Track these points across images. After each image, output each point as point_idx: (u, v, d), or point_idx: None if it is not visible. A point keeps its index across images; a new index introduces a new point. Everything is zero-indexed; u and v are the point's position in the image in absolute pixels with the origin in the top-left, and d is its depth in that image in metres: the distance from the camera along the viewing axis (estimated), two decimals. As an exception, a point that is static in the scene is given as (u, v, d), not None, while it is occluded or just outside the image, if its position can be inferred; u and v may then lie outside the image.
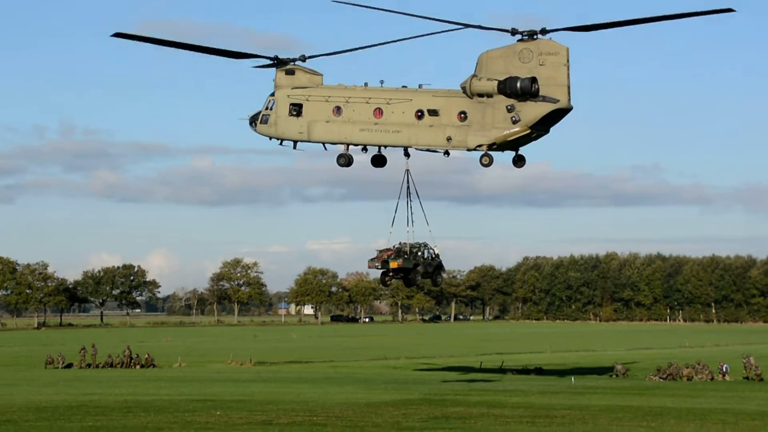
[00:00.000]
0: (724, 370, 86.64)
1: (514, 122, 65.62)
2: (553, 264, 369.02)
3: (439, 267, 73.23)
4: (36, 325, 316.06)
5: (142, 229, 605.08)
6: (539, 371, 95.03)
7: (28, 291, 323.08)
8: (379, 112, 68.55)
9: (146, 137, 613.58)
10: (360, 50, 68.87)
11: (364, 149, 70.62)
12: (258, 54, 69.51)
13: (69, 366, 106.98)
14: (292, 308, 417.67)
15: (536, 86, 64.61)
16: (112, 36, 65.50)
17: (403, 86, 69.11)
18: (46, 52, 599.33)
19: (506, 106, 65.52)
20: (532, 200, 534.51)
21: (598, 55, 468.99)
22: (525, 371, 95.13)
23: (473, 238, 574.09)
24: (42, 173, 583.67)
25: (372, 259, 72.42)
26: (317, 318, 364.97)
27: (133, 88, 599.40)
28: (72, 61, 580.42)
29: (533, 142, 68.19)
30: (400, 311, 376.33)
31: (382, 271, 72.33)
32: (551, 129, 67.31)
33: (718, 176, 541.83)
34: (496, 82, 65.25)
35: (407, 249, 71.35)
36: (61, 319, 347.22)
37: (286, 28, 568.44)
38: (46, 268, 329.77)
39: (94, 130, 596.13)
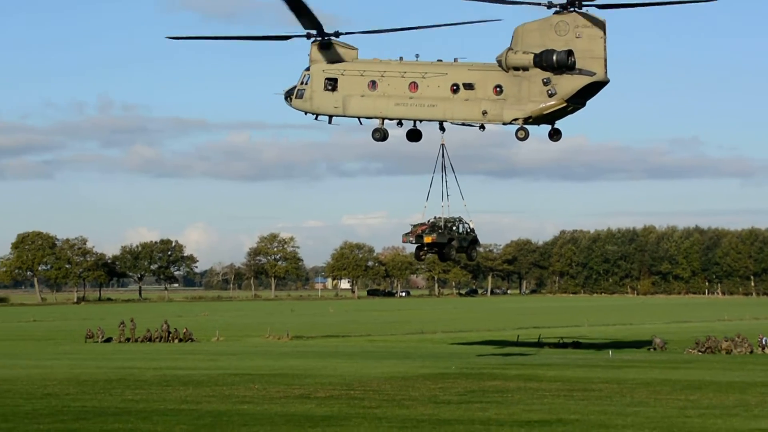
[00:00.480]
0: (764, 342, 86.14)
1: (550, 96, 65.27)
2: (590, 237, 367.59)
3: (474, 241, 73.08)
4: (75, 300, 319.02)
5: (180, 203, 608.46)
6: (576, 345, 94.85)
7: (67, 266, 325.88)
8: (414, 86, 68.34)
9: (184, 112, 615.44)
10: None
11: (400, 123, 70.49)
12: (291, 34, 69.39)
13: (108, 340, 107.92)
14: (329, 282, 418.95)
15: (572, 59, 64.18)
16: (166, 38, 65.91)
17: (439, 60, 68.85)
18: (84, 28, 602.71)
19: (542, 80, 65.15)
20: (568, 174, 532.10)
21: (635, 26, 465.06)
22: (562, 345, 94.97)
23: (509, 212, 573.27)
24: (80, 149, 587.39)
25: (406, 234, 72.41)
26: (354, 292, 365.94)
27: (171, 63, 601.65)
28: (110, 37, 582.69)
29: (569, 116, 67.85)
30: (436, 285, 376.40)
31: (416, 245, 72.30)
32: (588, 102, 66.93)
33: (759, 148, 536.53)
34: (532, 55, 64.86)
35: (441, 223, 71.22)
36: (100, 293, 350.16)
37: (322, 4, 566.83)
38: (85, 243, 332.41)
39: (131, 105, 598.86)
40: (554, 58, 64.12)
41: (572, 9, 63.87)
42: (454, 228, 71.83)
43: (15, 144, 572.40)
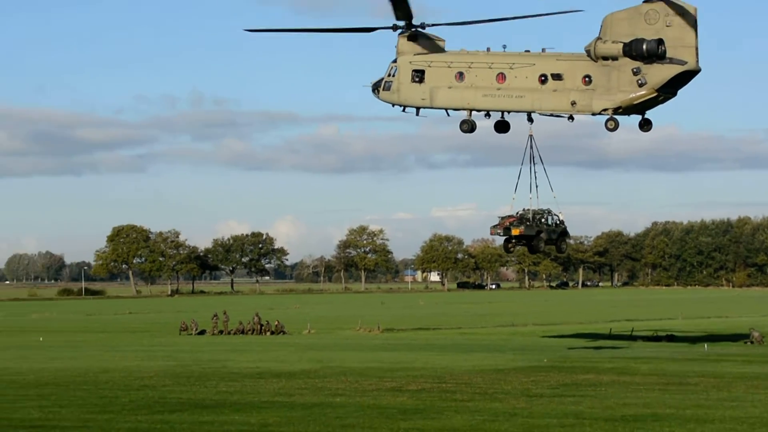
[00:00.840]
0: None
1: (640, 85, 64.50)
2: (683, 229, 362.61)
3: (564, 233, 72.44)
4: (169, 292, 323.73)
5: (269, 197, 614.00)
6: (671, 338, 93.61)
7: (161, 259, 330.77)
8: (501, 77, 68.00)
9: (273, 106, 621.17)
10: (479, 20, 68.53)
11: (487, 115, 70.21)
12: (376, 27, 69.44)
13: (202, 332, 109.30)
14: (419, 275, 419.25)
15: (663, 48, 63.33)
16: (244, 30, 66.70)
17: (526, 50, 68.41)
18: (176, 23, 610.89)
19: (632, 69, 64.42)
20: (660, 164, 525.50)
21: (726, 12, 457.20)
22: (656, 338, 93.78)
23: (600, 204, 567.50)
24: (172, 142, 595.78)
25: (494, 226, 72.12)
26: (443, 285, 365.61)
27: (261, 57, 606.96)
28: (202, 31, 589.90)
29: (660, 105, 66.98)
30: (526, 278, 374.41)
31: (504, 237, 71.98)
32: (678, 91, 66.01)
33: None
34: (622, 44, 64.15)
35: (530, 216, 70.76)
36: (193, 286, 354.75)
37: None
38: (177, 236, 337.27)
39: (222, 99, 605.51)
40: (644, 47, 63.36)
41: (661, -3, 62.96)
42: (543, 220, 71.30)
43: (109, 138, 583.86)
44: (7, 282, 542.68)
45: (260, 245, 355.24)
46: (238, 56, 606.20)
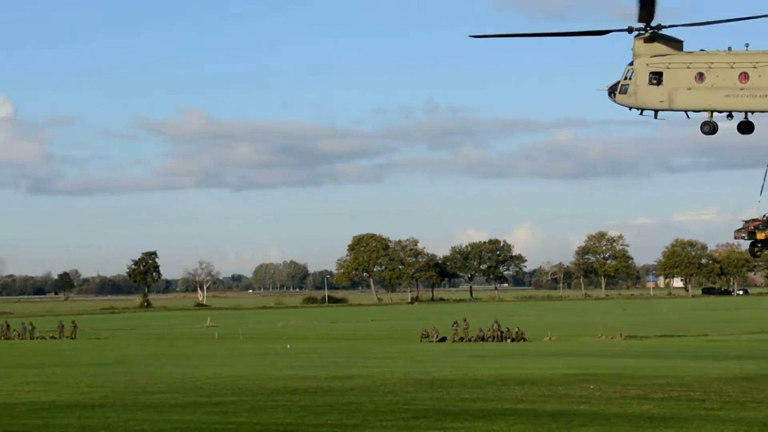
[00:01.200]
0: None
1: None
2: None
3: None
4: (409, 300, 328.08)
5: (506, 204, 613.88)
6: None
7: (400, 266, 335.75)
8: (744, 76, 65.73)
9: (508, 113, 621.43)
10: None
11: (730, 116, 68.00)
12: (609, 29, 68.29)
13: (443, 339, 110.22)
14: (661, 281, 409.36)
15: None
16: (469, 36, 67.06)
17: (771, 48, 65.81)
18: (411, 35, 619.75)
19: None
20: None
21: None
22: None
23: None
24: (409, 152, 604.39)
25: (738, 230, 69.78)
26: (687, 291, 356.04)
27: (494, 64, 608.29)
28: (437, 42, 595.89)
29: None
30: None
31: (750, 242, 69.59)
32: None
33: None
34: None
35: None
36: (432, 293, 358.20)
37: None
38: (416, 244, 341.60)
39: (458, 107, 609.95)
40: None
41: None
42: None
43: (348, 149, 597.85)
44: (253, 291, 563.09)
45: (498, 252, 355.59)
46: (472, 64, 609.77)
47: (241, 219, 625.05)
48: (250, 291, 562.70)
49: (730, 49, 67.18)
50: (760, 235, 68.09)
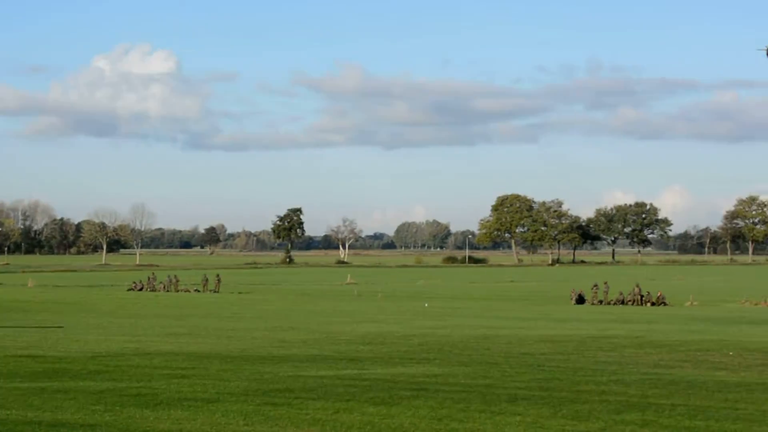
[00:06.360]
0: None
1: None
2: None
3: None
4: (550, 262, 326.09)
5: (659, 166, 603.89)
6: None
7: (543, 228, 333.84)
8: None
9: (671, 72, 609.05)
10: None
11: None
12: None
13: (581, 302, 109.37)
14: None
15: None
16: None
17: None
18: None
19: None
20: None
21: None
22: None
23: None
24: (567, 111, 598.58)
25: None
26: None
27: (661, 24, 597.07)
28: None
29: None
30: None
31: None
32: None
33: None
34: None
35: None
36: (573, 255, 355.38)
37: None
38: (560, 206, 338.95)
39: (621, 66, 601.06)
40: None
41: None
42: None
43: (505, 108, 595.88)
44: (396, 249, 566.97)
45: (644, 215, 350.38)
46: (637, 22, 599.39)
47: (388, 177, 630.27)
48: (395, 249, 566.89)
49: None
50: None
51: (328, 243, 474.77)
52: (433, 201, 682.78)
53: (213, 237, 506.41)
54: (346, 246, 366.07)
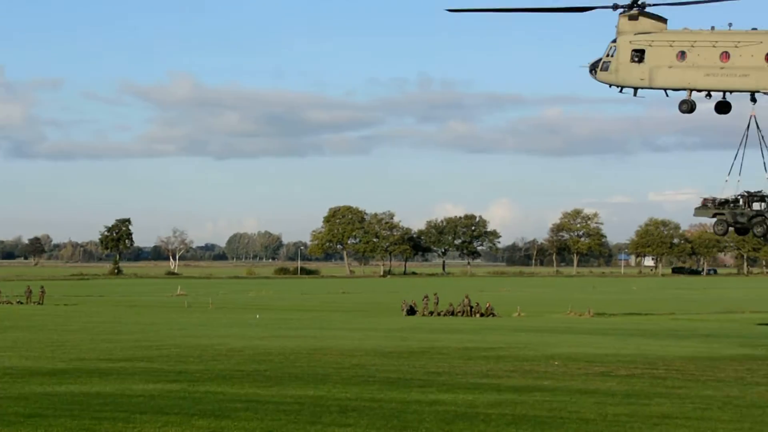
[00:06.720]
0: None
1: None
2: None
3: (759, 216, 69.04)
4: (381, 273, 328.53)
5: (488, 179, 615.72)
6: None
7: (375, 240, 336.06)
8: (726, 55, 65.83)
9: (500, 88, 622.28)
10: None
11: (708, 95, 68.16)
12: (593, 6, 68.25)
13: (412, 313, 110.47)
14: (632, 260, 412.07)
15: None
16: (446, 10, 67.88)
17: (753, 29, 66.01)
18: (405, 7, 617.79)
19: None
20: None
21: None
22: None
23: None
24: (397, 124, 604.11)
25: (698, 208, 70.73)
26: (658, 270, 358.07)
27: (487, 38, 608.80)
28: (429, 14, 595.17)
29: None
30: (745, 264, 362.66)
31: (715, 220, 70.29)
32: None
33: None
34: None
35: (736, 198, 68.64)
36: (405, 267, 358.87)
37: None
38: (392, 218, 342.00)
39: (450, 81, 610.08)
40: None
41: None
42: (748, 204, 68.67)
43: (338, 119, 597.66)
44: (228, 260, 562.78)
45: (473, 227, 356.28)
46: (467, 38, 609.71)
47: (220, 188, 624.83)
48: (224, 261, 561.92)
49: (713, 28, 67.30)
50: (717, 213, 68.65)
51: (158, 254, 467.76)
52: (265, 212, 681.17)
53: (37, 247, 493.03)
54: (177, 257, 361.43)
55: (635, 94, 69.74)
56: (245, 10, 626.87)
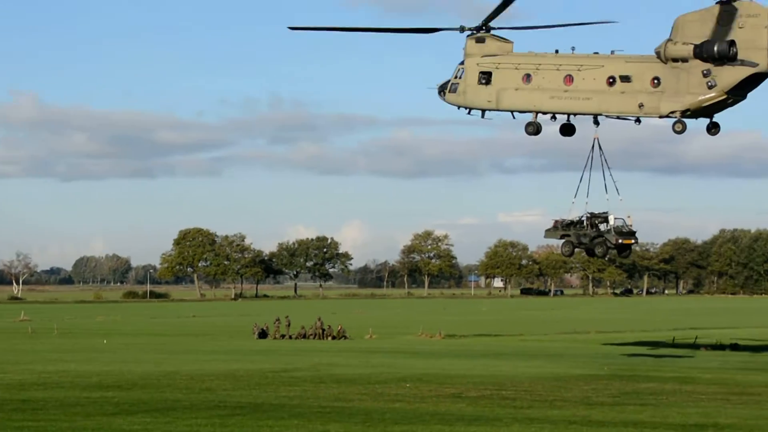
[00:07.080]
0: None
1: (710, 87, 63.71)
2: (752, 237, 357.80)
3: (600, 237, 70.57)
4: (233, 296, 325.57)
5: (340, 201, 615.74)
6: (735, 347, 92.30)
7: (225, 262, 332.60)
8: (569, 79, 67.43)
9: (351, 108, 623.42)
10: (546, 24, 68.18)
11: (553, 117, 69.66)
12: (440, 27, 69.22)
13: (263, 336, 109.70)
14: (482, 281, 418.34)
15: (734, 50, 62.46)
16: (288, 28, 68.26)
17: (595, 53, 67.84)
18: (259, 25, 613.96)
19: (702, 71, 63.62)
20: (738, 171, 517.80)
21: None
22: (720, 347, 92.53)
23: (670, 210, 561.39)
24: (249, 145, 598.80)
25: (548, 230, 72.12)
26: (507, 291, 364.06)
27: (337, 58, 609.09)
28: (285, 34, 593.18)
29: (740, 110, 66.04)
30: (591, 284, 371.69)
31: (562, 241, 71.68)
32: (748, 95, 65.13)
33: None
34: (693, 46, 63.35)
35: (582, 220, 70.24)
36: (257, 289, 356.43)
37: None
38: (243, 240, 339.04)
39: (301, 101, 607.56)
40: (715, 48, 62.51)
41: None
42: (593, 225, 70.22)
43: (188, 141, 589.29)
44: (74, 285, 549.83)
45: (325, 249, 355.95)
46: (317, 58, 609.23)
47: (65, 210, 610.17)
48: (70, 285, 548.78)
49: (557, 51, 68.88)
50: (565, 234, 70.11)
51: (1, 278, 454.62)
52: (112, 234, 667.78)
53: None
54: (21, 281, 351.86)
55: (483, 116, 70.79)
56: (94, 30, 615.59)
